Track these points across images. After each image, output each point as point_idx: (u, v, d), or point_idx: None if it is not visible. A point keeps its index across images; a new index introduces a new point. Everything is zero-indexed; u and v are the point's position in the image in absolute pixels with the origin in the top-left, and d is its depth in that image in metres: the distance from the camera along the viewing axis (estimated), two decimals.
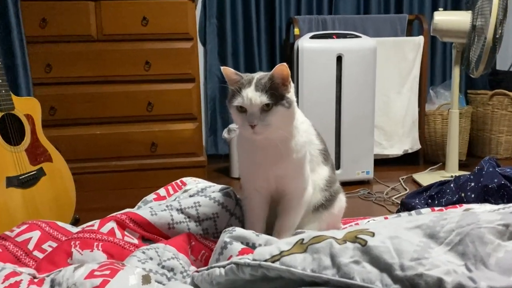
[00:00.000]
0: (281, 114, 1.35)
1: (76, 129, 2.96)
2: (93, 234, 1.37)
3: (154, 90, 3.00)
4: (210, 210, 1.57)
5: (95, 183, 3.00)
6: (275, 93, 1.33)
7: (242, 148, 1.50)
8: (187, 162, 3.08)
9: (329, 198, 1.60)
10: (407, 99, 3.41)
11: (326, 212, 1.60)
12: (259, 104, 1.32)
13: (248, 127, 1.33)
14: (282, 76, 1.35)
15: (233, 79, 1.38)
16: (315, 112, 2.93)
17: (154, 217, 1.49)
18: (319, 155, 1.59)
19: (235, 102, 1.35)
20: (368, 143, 3.05)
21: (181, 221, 1.52)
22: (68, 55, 2.89)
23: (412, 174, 3.18)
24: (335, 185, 1.65)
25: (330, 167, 1.65)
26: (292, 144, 1.43)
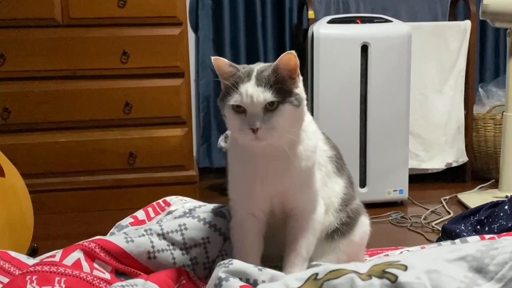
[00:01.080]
0: (289, 114, 1.35)
1: (36, 136, 2.96)
2: (54, 267, 1.36)
3: (134, 87, 3.00)
4: (199, 234, 1.57)
5: (58, 204, 3.00)
6: (281, 89, 1.34)
7: (237, 160, 1.50)
8: (173, 177, 3.07)
9: (346, 222, 1.60)
10: (450, 100, 3.40)
11: (344, 240, 1.59)
12: (262, 102, 1.33)
13: (249, 131, 1.33)
14: (289, 67, 1.36)
15: (227, 72, 1.39)
16: (334, 116, 2.92)
17: (131, 244, 1.49)
18: (329, 163, 1.59)
19: (230, 101, 1.35)
20: (402, 155, 3.03)
21: (164, 248, 1.52)
22: (26, 43, 2.90)
23: (457, 194, 3.16)
24: (354, 204, 1.65)
25: (346, 179, 1.64)
26: (301, 149, 1.44)
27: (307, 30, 3.13)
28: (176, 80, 3.04)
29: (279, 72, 1.35)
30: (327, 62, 2.90)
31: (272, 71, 1.35)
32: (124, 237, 1.51)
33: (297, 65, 1.37)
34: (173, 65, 3.02)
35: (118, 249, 1.48)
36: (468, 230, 1.95)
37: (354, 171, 2.91)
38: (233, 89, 1.35)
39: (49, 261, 1.39)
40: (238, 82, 1.35)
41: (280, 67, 1.35)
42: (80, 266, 1.41)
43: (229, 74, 1.38)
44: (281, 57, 1.34)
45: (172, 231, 1.55)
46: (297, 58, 1.35)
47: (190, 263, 1.54)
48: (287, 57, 1.34)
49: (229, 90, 1.36)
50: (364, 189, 3.01)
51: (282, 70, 1.35)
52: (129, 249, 1.49)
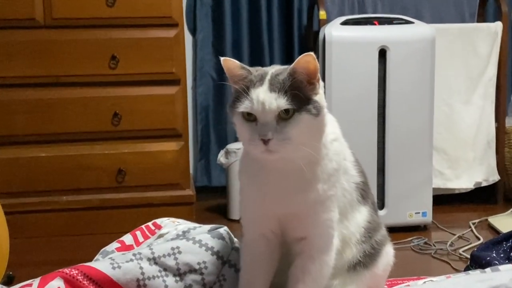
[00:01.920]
0: (306, 125, 1.34)
1: (13, 150, 2.97)
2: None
3: (123, 96, 3.02)
4: (194, 258, 1.56)
5: (38, 227, 3.00)
6: (298, 95, 1.33)
7: (247, 174, 1.49)
8: (167, 197, 3.08)
9: (370, 253, 1.59)
10: (479, 111, 3.40)
11: (367, 272, 1.59)
12: (276, 110, 1.32)
13: (259, 142, 1.32)
14: (308, 70, 1.35)
15: (238, 75, 1.38)
16: (349, 128, 2.80)
17: (117, 271, 1.49)
18: (355, 191, 1.58)
19: (240, 107, 1.34)
20: (425, 173, 3.03)
21: (155, 275, 1.52)
22: (3, 46, 2.91)
23: (487, 217, 3.15)
24: (379, 234, 1.64)
25: (371, 207, 1.64)
26: (318, 170, 1.43)
27: (318, 32, 3.14)
28: (171, 88, 3.05)
29: (296, 76, 1.34)
30: (340, 68, 2.90)
31: (288, 75, 1.34)
32: (110, 262, 1.50)
33: (316, 69, 1.36)
34: (167, 71, 3.03)
35: (104, 277, 1.47)
36: (500, 257, 1.94)
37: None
38: (243, 94, 1.34)
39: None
40: (250, 86, 1.34)
41: (297, 71, 1.34)
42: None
43: (240, 77, 1.38)
44: (299, 59, 1.33)
45: (164, 255, 1.54)
46: (316, 60, 1.34)
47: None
48: (305, 60, 1.33)
49: (239, 95, 1.35)
50: (383, 211, 3.00)
51: (299, 74, 1.34)
52: (116, 277, 1.48)
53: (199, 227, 1.72)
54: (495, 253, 1.96)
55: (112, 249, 1.76)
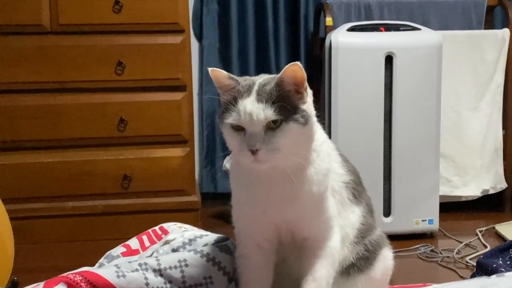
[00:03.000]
0: (294, 134, 1.35)
1: (18, 156, 2.98)
2: None
3: (129, 101, 3.03)
4: (201, 272, 1.56)
5: (42, 232, 3.01)
6: (285, 105, 1.34)
7: (238, 183, 1.51)
8: (173, 203, 3.08)
9: (364, 256, 1.59)
10: (487, 118, 3.40)
11: (363, 276, 1.59)
12: (263, 120, 1.33)
13: (248, 153, 1.33)
14: (295, 80, 1.36)
15: (226, 85, 1.40)
16: (355, 135, 2.93)
17: (122, 280, 1.49)
18: (345, 190, 1.59)
19: (228, 119, 1.35)
20: (431, 180, 3.03)
21: (160, 287, 1.52)
22: (10, 52, 2.93)
23: (494, 225, 3.15)
24: (373, 235, 1.64)
25: (365, 207, 1.64)
26: (311, 173, 1.44)
27: (324, 38, 3.14)
28: (177, 94, 3.06)
29: (284, 86, 1.35)
30: (346, 74, 2.91)
31: (276, 85, 1.35)
32: (115, 270, 1.50)
33: (304, 78, 1.37)
34: (174, 77, 3.04)
35: (107, 284, 1.47)
36: (506, 264, 1.94)
37: (377, 198, 2.93)
38: (231, 105, 1.35)
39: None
40: (237, 97, 1.36)
41: (284, 80, 1.35)
42: None
43: (227, 88, 1.39)
44: (285, 69, 1.34)
45: (171, 267, 1.55)
46: (303, 70, 1.35)
47: None
48: (291, 69, 1.34)
49: (227, 106, 1.37)
50: (389, 218, 3.00)
51: (286, 84, 1.35)
52: (120, 285, 1.48)
53: (205, 235, 1.72)
54: (501, 260, 1.96)
55: (118, 254, 1.77)
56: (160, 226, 1.87)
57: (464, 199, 3.44)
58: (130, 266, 1.54)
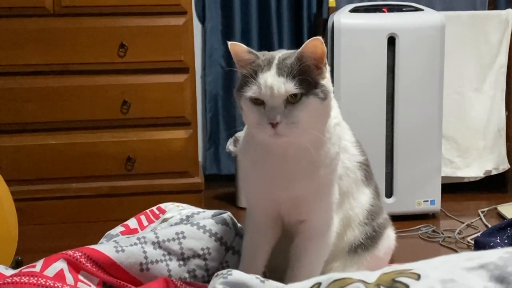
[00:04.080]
0: (313, 108, 1.37)
1: (22, 138, 3.01)
2: (34, 278, 1.39)
3: (132, 84, 3.04)
4: (198, 244, 1.59)
5: (47, 214, 3.04)
6: (305, 79, 1.35)
7: (250, 157, 1.52)
8: (176, 184, 3.11)
9: (371, 236, 1.62)
10: (490, 99, 3.41)
11: (368, 254, 1.62)
12: (284, 94, 1.34)
13: (268, 126, 1.34)
14: (315, 54, 1.37)
15: (245, 60, 1.41)
16: (357, 117, 2.91)
17: (121, 254, 1.51)
18: (359, 170, 1.61)
19: (248, 92, 1.36)
20: (434, 161, 3.04)
21: (159, 259, 1.55)
22: (12, 35, 2.94)
23: (496, 206, 3.16)
24: (381, 217, 1.67)
25: (373, 190, 1.66)
26: (321, 155, 1.45)
27: (327, 20, 3.15)
28: (180, 76, 3.07)
29: (304, 60, 1.37)
30: (349, 56, 2.91)
31: (296, 59, 1.37)
32: (114, 245, 1.53)
33: (324, 53, 1.38)
34: (176, 59, 3.05)
35: (107, 259, 1.50)
36: (504, 243, 1.96)
37: (379, 179, 2.92)
38: (251, 79, 1.36)
39: (28, 271, 1.42)
40: (257, 71, 1.36)
41: (305, 55, 1.37)
42: (63, 278, 1.43)
43: (247, 62, 1.40)
44: (306, 44, 1.36)
45: (169, 239, 1.57)
46: (324, 45, 1.36)
47: (187, 276, 1.56)
48: (313, 44, 1.36)
49: (247, 79, 1.38)
50: (391, 199, 3.02)
51: (307, 59, 1.37)
52: (119, 260, 1.51)
53: (202, 211, 1.75)
54: (499, 239, 1.98)
55: (117, 233, 1.79)
56: (157, 206, 1.90)
57: (467, 180, 3.45)
58: (129, 240, 1.57)
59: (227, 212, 1.70)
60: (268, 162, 1.45)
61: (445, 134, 3.21)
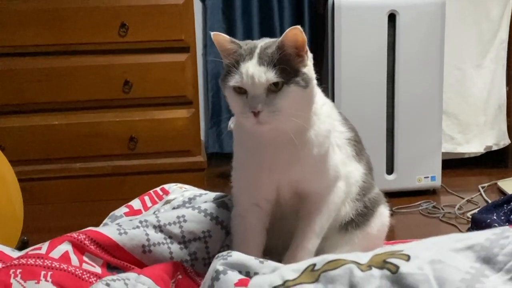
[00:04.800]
0: (295, 96, 1.40)
1: (26, 119, 3.04)
2: (40, 260, 1.43)
3: (133, 63, 3.07)
4: (199, 227, 1.63)
5: (51, 193, 3.09)
6: (286, 68, 1.39)
7: (242, 145, 1.56)
8: (179, 163, 3.14)
9: (363, 212, 1.66)
10: (491, 75, 3.42)
11: (359, 232, 1.65)
12: (265, 83, 1.38)
13: (250, 114, 1.38)
14: (295, 43, 1.40)
15: (228, 49, 1.44)
16: (358, 95, 2.96)
17: (124, 237, 1.56)
18: (348, 146, 1.65)
19: (231, 81, 1.40)
20: (434, 138, 3.07)
21: (160, 242, 1.59)
22: (14, 16, 2.96)
23: (497, 181, 3.19)
24: (372, 192, 1.70)
25: (365, 165, 1.70)
26: (312, 135, 1.49)
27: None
28: (181, 55, 3.09)
29: (285, 49, 1.40)
30: (349, 33, 2.93)
31: (277, 48, 1.40)
32: (117, 228, 1.57)
33: (304, 41, 1.41)
34: (177, 38, 3.07)
35: (110, 242, 1.54)
36: (500, 220, 1.99)
37: (380, 156, 2.98)
38: (234, 68, 1.40)
39: (34, 254, 1.46)
40: (239, 60, 1.40)
41: (285, 44, 1.40)
42: (69, 259, 1.48)
43: (230, 52, 1.44)
44: (286, 33, 1.39)
45: (170, 223, 1.61)
46: (303, 33, 1.39)
47: (189, 258, 1.60)
48: (292, 33, 1.39)
49: (230, 69, 1.41)
50: (392, 176, 3.05)
51: (287, 47, 1.40)
52: (122, 242, 1.55)
53: (204, 194, 1.78)
54: (495, 216, 2.01)
55: (121, 214, 1.83)
56: (161, 187, 1.93)
57: (467, 156, 3.47)
58: (131, 223, 1.61)
59: (228, 196, 1.74)
60: (261, 149, 1.49)
61: (445, 110, 3.23)
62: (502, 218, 2.00)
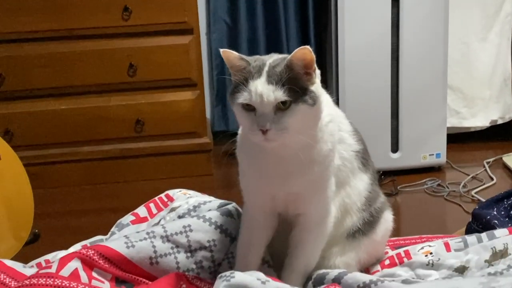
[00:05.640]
0: (302, 115, 1.43)
1: (33, 104, 3.08)
2: (50, 280, 1.49)
3: (137, 47, 3.09)
4: (204, 236, 1.68)
5: (60, 177, 3.15)
6: (295, 86, 1.41)
7: (246, 155, 1.59)
8: (185, 145, 3.19)
9: (369, 221, 1.70)
10: (496, 48, 3.42)
11: (366, 239, 1.70)
12: (273, 101, 1.40)
13: (258, 132, 1.41)
14: (304, 62, 1.42)
15: (237, 66, 1.46)
16: (362, 73, 2.98)
17: (131, 250, 1.61)
18: (355, 159, 1.68)
19: (239, 99, 1.42)
20: (439, 115, 3.10)
21: (167, 252, 1.64)
22: (18, 1, 2.97)
23: (502, 156, 3.22)
24: (378, 201, 1.74)
25: (371, 175, 1.73)
26: (314, 153, 1.52)
27: None
28: (185, 37, 3.10)
29: (293, 67, 1.42)
30: (352, 12, 2.93)
31: (285, 67, 1.42)
32: (124, 242, 1.62)
33: (313, 60, 1.43)
34: (180, 20, 3.08)
35: (119, 256, 1.59)
36: (501, 215, 2.02)
37: (385, 134, 3.02)
38: (242, 85, 1.42)
39: (45, 273, 1.51)
40: (248, 78, 1.42)
41: (294, 63, 1.42)
42: (78, 277, 1.53)
43: (238, 68, 1.45)
44: (295, 53, 1.41)
45: (177, 233, 1.66)
46: (312, 53, 1.41)
47: (194, 267, 1.65)
48: (301, 52, 1.40)
49: (238, 85, 1.44)
50: (397, 154, 3.09)
51: (296, 66, 1.42)
52: (130, 255, 1.60)
53: (208, 201, 1.82)
54: (496, 211, 2.03)
55: (127, 222, 1.88)
56: (166, 193, 1.97)
57: (473, 130, 3.49)
58: (139, 235, 1.66)
59: (232, 203, 1.78)
60: (264, 161, 1.52)
61: (451, 85, 3.25)
62: (502, 213, 2.03)
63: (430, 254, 1.74)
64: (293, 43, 3.60)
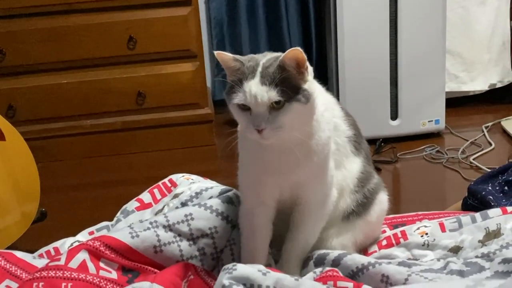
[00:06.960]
0: (296, 113, 1.47)
1: (35, 79, 3.12)
2: (60, 272, 1.55)
3: (136, 19, 3.11)
4: (206, 224, 1.73)
5: (63, 150, 3.20)
6: (288, 86, 1.45)
7: (247, 149, 1.64)
8: (187, 116, 3.24)
9: (363, 202, 1.75)
10: (495, 11, 3.43)
11: (360, 220, 1.76)
12: (267, 102, 1.44)
13: (254, 131, 1.46)
14: (296, 62, 1.46)
15: (231, 67, 1.49)
16: (361, 41, 3.01)
17: (136, 240, 1.66)
18: (348, 144, 1.73)
19: (235, 99, 1.46)
20: (438, 81, 3.13)
21: (171, 241, 1.69)
22: None
23: (500, 120, 3.26)
24: (371, 182, 1.79)
25: (364, 158, 1.78)
26: (313, 144, 1.57)
27: None
28: (183, 8, 3.13)
29: (285, 68, 1.45)
30: None
31: (278, 68, 1.45)
32: (129, 232, 1.68)
33: (304, 60, 1.46)
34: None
35: (124, 246, 1.65)
36: (495, 190, 2.06)
37: (384, 102, 3.06)
38: (237, 86, 1.46)
39: (54, 265, 1.58)
40: (242, 78, 1.46)
41: (286, 63, 1.45)
42: (86, 268, 1.59)
43: (233, 69, 1.49)
44: (286, 54, 1.44)
45: (178, 222, 1.71)
46: (303, 53, 1.44)
47: (197, 254, 1.71)
48: (293, 53, 1.44)
49: (234, 85, 1.48)
50: (396, 121, 3.14)
51: (288, 66, 1.45)
52: (135, 245, 1.66)
53: (210, 187, 1.86)
54: (490, 187, 2.08)
55: (132, 209, 1.93)
56: (169, 179, 2.01)
57: (472, 94, 3.53)
58: (142, 225, 1.71)
59: (233, 190, 1.82)
60: (263, 154, 1.56)
61: (449, 49, 3.27)
62: (497, 188, 2.07)
63: (425, 234, 1.79)
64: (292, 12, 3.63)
